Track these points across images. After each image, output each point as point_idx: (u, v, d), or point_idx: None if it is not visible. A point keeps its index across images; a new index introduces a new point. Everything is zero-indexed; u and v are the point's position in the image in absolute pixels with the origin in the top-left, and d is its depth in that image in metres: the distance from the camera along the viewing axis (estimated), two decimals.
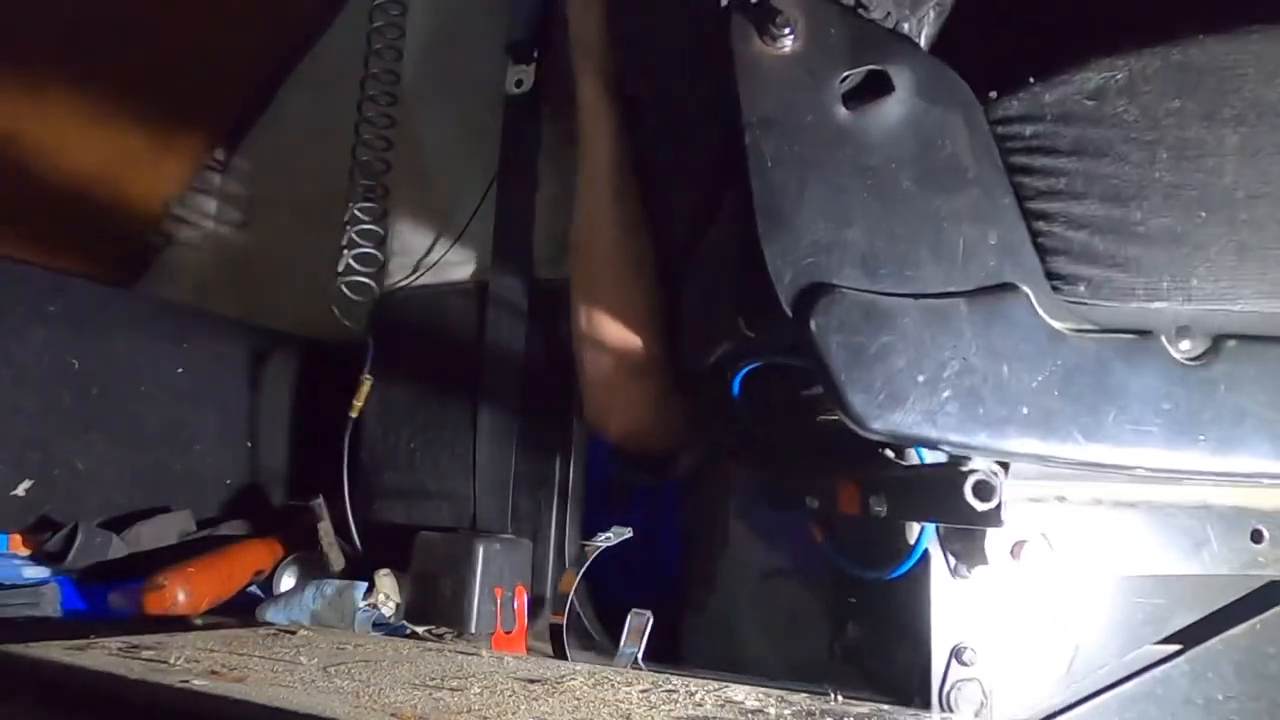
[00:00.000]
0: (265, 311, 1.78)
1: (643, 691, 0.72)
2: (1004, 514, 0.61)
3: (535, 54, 1.24)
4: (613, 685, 0.74)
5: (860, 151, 0.60)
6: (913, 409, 0.58)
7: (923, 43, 0.65)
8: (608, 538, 0.99)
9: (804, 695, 0.75)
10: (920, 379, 0.58)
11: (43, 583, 1.17)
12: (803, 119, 0.61)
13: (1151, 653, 0.76)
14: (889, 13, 0.63)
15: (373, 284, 1.31)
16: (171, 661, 0.75)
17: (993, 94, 0.63)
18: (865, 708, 0.72)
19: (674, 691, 0.73)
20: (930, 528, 0.71)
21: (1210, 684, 0.74)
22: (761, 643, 1.07)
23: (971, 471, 0.61)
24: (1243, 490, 0.70)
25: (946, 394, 0.58)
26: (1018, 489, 0.68)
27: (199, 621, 1.11)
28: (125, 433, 1.37)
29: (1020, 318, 0.59)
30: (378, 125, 1.38)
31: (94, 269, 1.82)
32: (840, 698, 0.75)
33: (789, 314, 0.59)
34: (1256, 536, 0.71)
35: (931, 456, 0.65)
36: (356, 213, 1.34)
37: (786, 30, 0.61)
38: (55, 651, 0.77)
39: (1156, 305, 0.61)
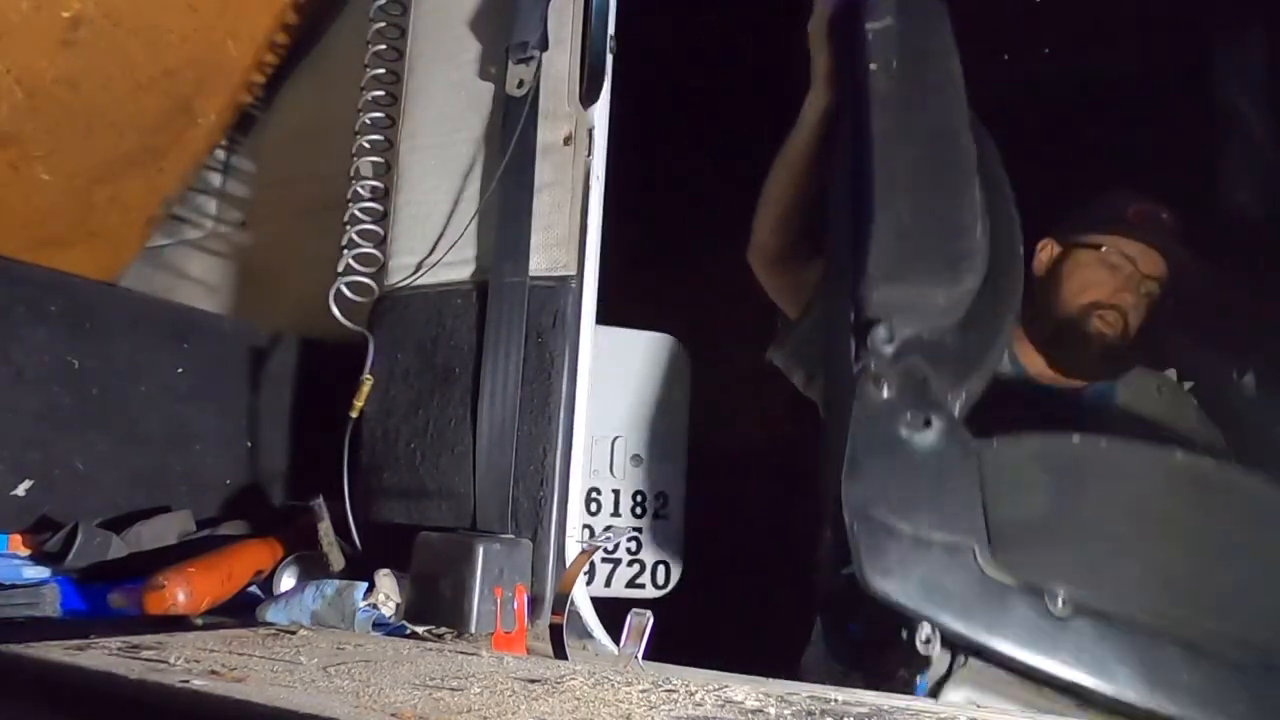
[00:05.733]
0: (265, 311, 1.78)
1: (643, 691, 0.72)
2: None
3: (536, 55, 1.24)
4: (613, 685, 0.74)
5: (909, 453, 1.04)
6: (893, 585, 0.99)
7: (956, 412, 1.09)
8: (607, 537, 0.99)
9: (804, 695, 0.75)
10: (904, 571, 1.00)
11: (43, 583, 1.17)
12: (881, 430, 1.05)
13: None
14: (939, 391, 1.07)
15: (373, 284, 1.31)
16: (171, 661, 0.75)
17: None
18: (865, 707, 0.72)
19: (674, 691, 0.73)
20: None
21: None
22: None
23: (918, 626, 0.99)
24: None
25: (918, 580, 0.99)
26: None
27: (199, 621, 1.11)
28: (125, 433, 1.37)
29: (966, 564, 1.00)
30: (378, 125, 1.38)
31: (94, 269, 1.82)
32: (840, 698, 0.75)
33: (849, 530, 1.01)
34: None
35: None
36: (356, 213, 1.34)
37: (884, 388, 1.06)
38: (55, 651, 0.77)
39: None
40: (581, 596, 1.14)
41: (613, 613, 1.08)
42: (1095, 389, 1.66)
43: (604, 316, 1.26)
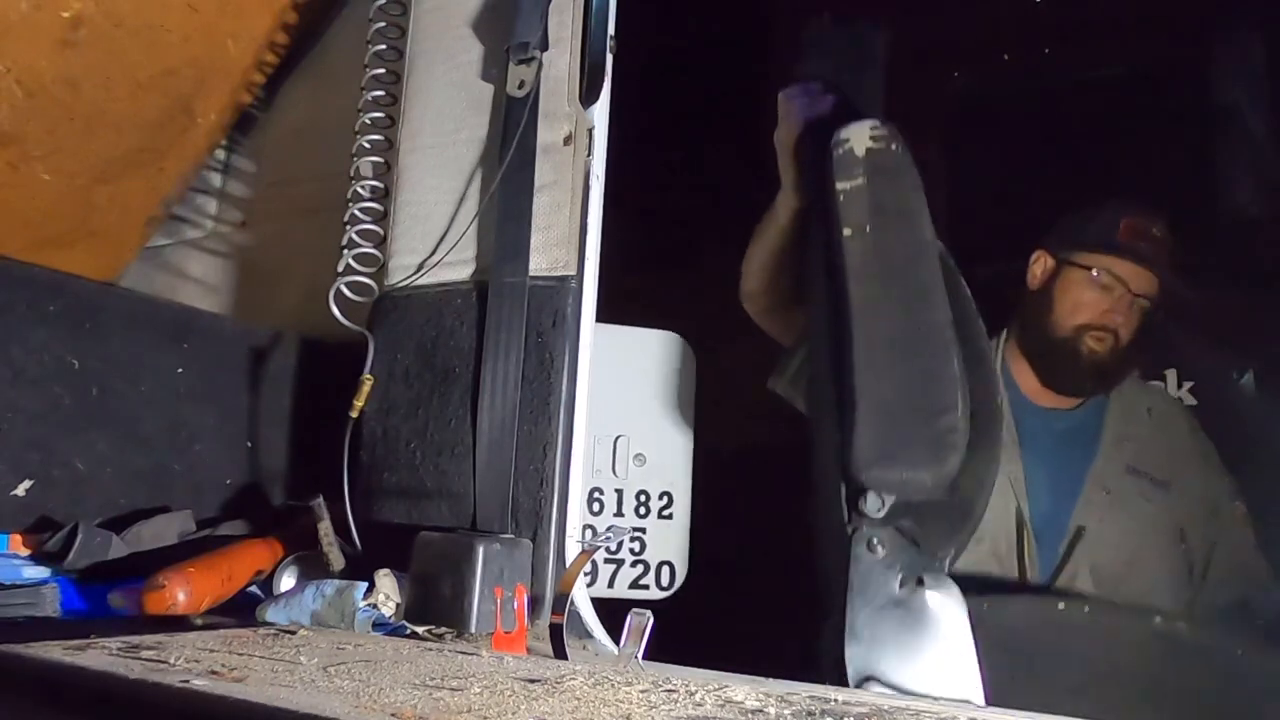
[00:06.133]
0: (265, 311, 1.78)
1: (643, 691, 0.72)
2: None
3: (537, 55, 1.24)
4: (613, 685, 0.74)
5: (906, 613, 1.07)
6: None
7: (946, 568, 1.10)
8: (607, 537, 0.99)
9: (804, 695, 0.75)
10: None
11: (43, 583, 1.17)
12: (876, 589, 1.09)
13: None
14: (930, 548, 1.10)
15: (373, 284, 1.31)
16: (171, 661, 0.75)
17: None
18: (865, 707, 0.72)
19: (674, 691, 0.73)
20: None
21: None
22: None
23: None
24: None
25: None
26: None
27: (199, 621, 1.11)
28: (125, 433, 1.37)
29: None
30: (378, 125, 1.38)
31: (94, 269, 1.82)
32: (840, 698, 0.75)
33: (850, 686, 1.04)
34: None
35: None
36: (356, 213, 1.34)
37: (880, 548, 1.09)
38: (55, 651, 0.77)
39: None
40: (581, 596, 1.15)
41: (614, 613, 1.08)
42: (1084, 410, 1.68)
43: (605, 317, 1.26)
